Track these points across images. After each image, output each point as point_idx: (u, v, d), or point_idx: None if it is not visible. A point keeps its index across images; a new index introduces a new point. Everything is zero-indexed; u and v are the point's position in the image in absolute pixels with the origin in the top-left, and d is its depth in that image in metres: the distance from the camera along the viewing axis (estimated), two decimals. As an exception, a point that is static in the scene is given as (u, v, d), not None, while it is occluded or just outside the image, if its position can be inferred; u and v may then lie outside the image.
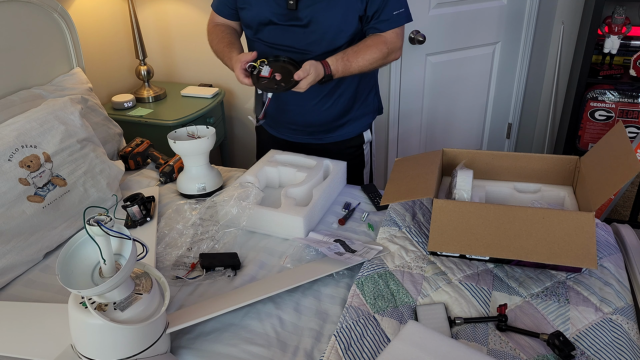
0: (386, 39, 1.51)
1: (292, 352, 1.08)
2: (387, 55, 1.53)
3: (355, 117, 1.70)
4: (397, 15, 1.50)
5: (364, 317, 1.13)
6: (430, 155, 1.50)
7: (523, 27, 2.62)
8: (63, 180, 1.45)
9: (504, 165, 1.49)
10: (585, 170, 1.36)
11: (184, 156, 1.59)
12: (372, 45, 1.50)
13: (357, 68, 1.49)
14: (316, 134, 1.72)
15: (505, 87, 2.77)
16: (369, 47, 1.50)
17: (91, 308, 0.93)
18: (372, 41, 1.51)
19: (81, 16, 2.18)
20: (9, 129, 1.39)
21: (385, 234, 1.40)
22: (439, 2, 2.38)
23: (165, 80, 2.71)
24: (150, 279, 1.04)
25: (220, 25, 1.66)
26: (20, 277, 1.34)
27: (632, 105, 2.43)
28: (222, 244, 1.38)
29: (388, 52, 1.52)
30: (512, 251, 1.19)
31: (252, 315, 1.17)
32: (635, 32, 2.42)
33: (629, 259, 1.34)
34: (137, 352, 0.99)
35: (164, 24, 2.57)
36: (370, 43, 1.50)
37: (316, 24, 1.47)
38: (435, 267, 1.27)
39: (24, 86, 1.68)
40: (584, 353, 1.04)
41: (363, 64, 1.49)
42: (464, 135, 2.83)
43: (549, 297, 1.17)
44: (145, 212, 1.48)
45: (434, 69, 2.52)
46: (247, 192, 1.44)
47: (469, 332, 1.09)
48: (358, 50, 1.49)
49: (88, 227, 0.91)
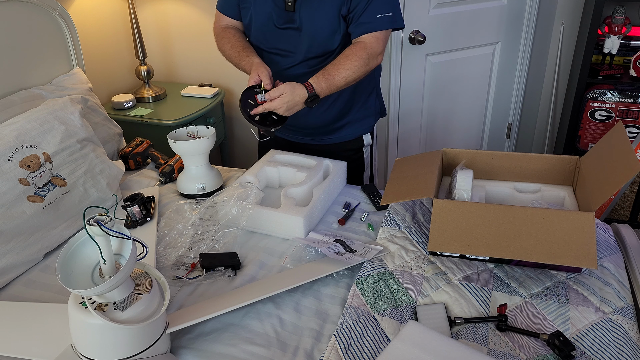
0: (365, 44, 1.46)
1: (292, 352, 1.08)
2: (367, 61, 1.46)
3: (354, 119, 1.70)
4: (380, 18, 1.44)
5: (364, 317, 1.13)
6: (430, 155, 1.50)
7: (523, 27, 2.62)
8: (63, 180, 1.45)
9: (504, 165, 1.49)
10: (585, 170, 1.36)
11: (184, 156, 1.59)
12: (351, 55, 1.45)
13: (341, 81, 1.44)
14: (314, 135, 1.72)
15: (505, 87, 2.77)
16: (347, 57, 1.45)
17: (91, 308, 0.93)
18: (350, 50, 1.46)
19: (81, 16, 2.18)
20: (9, 129, 1.39)
21: (385, 234, 1.40)
22: (439, 2, 2.38)
23: (165, 80, 2.71)
24: (150, 279, 1.04)
25: (230, 29, 1.63)
26: (20, 277, 1.34)
27: (632, 105, 2.43)
28: (222, 244, 1.38)
29: (368, 57, 1.45)
30: (512, 251, 1.19)
31: (252, 315, 1.17)
32: (635, 32, 2.42)
33: (629, 259, 1.34)
34: (137, 352, 0.99)
35: (164, 24, 2.57)
36: (349, 52, 1.46)
37: (308, 27, 1.47)
38: (435, 267, 1.27)
39: (24, 86, 1.68)
40: (584, 353, 1.04)
41: (346, 74, 1.44)
42: (464, 135, 2.83)
43: (549, 297, 1.17)
44: (145, 212, 1.48)
45: (434, 69, 2.53)
46: (247, 192, 1.44)
47: (469, 332, 1.09)
48: (337, 63, 1.45)
49: (88, 227, 0.91)
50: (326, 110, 1.64)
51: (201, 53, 2.58)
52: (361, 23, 1.45)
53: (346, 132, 1.71)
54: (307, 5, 1.45)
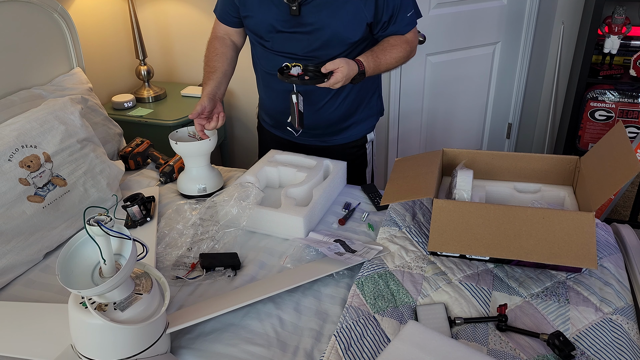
0: (407, 38, 1.55)
1: (292, 352, 1.08)
2: (409, 53, 1.57)
3: (359, 119, 1.70)
4: (410, 17, 1.53)
5: (364, 317, 1.13)
6: (430, 155, 1.50)
7: (523, 27, 2.62)
8: (63, 180, 1.45)
9: (504, 165, 1.49)
10: (585, 170, 1.36)
11: (185, 157, 1.59)
12: (397, 45, 1.53)
13: (385, 66, 1.51)
14: (320, 137, 1.72)
15: (505, 87, 2.77)
16: (393, 46, 1.52)
17: (91, 308, 0.93)
18: (395, 41, 1.53)
19: (81, 16, 2.18)
20: (9, 129, 1.39)
21: (385, 234, 1.40)
22: (439, 2, 2.38)
23: (165, 80, 2.71)
24: (150, 279, 1.04)
25: (217, 41, 1.66)
26: (20, 277, 1.34)
27: (632, 105, 2.43)
28: (222, 244, 1.38)
29: (410, 50, 1.57)
30: (512, 251, 1.19)
31: (252, 315, 1.17)
32: (635, 32, 2.42)
33: (629, 259, 1.34)
34: (137, 352, 0.99)
35: (164, 24, 2.57)
36: (394, 42, 1.53)
37: (321, 31, 1.46)
38: (435, 267, 1.27)
39: (24, 86, 1.68)
40: (584, 353, 1.04)
41: (390, 61, 1.52)
42: (464, 135, 2.83)
43: (549, 297, 1.17)
44: (145, 212, 1.48)
45: (434, 69, 2.52)
46: (247, 192, 1.44)
47: (469, 332, 1.09)
48: (384, 48, 1.51)
49: (88, 227, 0.91)
50: (334, 111, 1.64)
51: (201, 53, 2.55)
52: (400, 24, 1.52)
53: (351, 132, 1.72)
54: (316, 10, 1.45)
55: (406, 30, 1.54)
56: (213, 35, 1.69)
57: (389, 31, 1.52)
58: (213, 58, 1.63)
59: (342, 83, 1.40)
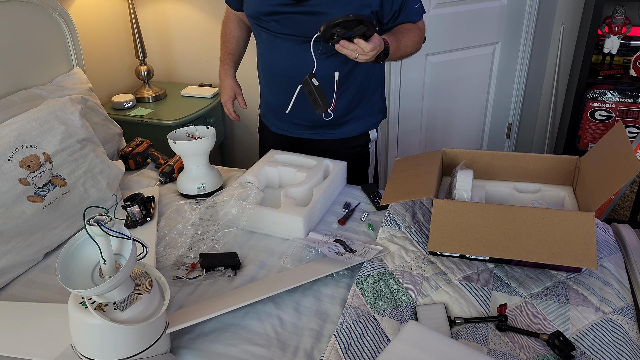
0: (418, 26, 1.58)
1: (292, 352, 1.08)
2: (421, 40, 1.58)
3: (359, 115, 1.70)
4: (418, 7, 1.57)
5: (364, 317, 1.13)
6: (430, 155, 1.50)
7: (523, 27, 2.62)
8: (63, 180, 1.45)
9: (504, 165, 1.49)
10: (585, 170, 1.36)
11: (184, 156, 1.59)
12: (411, 29, 1.54)
13: (403, 49, 1.51)
14: (319, 129, 1.71)
15: (505, 87, 2.77)
16: (409, 30, 1.54)
17: (91, 308, 0.93)
18: (409, 26, 1.55)
19: (81, 16, 2.18)
20: (9, 129, 1.39)
21: (385, 234, 1.40)
22: (439, 2, 2.38)
23: (165, 80, 2.71)
24: (150, 279, 1.04)
25: (230, 23, 1.77)
26: (20, 277, 1.34)
27: (632, 105, 2.43)
28: (222, 244, 1.38)
29: (422, 37, 1.58)
30: (512, 251, 1.19)
31: (252, 315, 1.17)
32: (635, 32, 2.42)
33: (629, 259, 1.34)
34: (137, 352, 0.99)
35: (164, 24, 2.57)
36: (408, 27, 1.55)
37: (324, 15, 1.45)
38: (435, 267, 1.27)
39: (24, 86, 1.68)
40: (584, 353, 1.04)
41: (408, 44, 1.52)
42: (464, 135, 2.83)
43: (549, 297, 1.17)
44: (145, 212, 1.48)
45: (434, 69, 2.53)
46: (247, 192, 1.44)
47: (469, 332, 1.09)
48: (401, 32, 1.52)
49: (88, 227, 0.91)
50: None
51: (201, 53, 2.58)
52: (411, 12, 1.54)
53: (350, 128, 1.71)
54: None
55: (416, 19, 1.56)
56: (227, 16, 1.79)
57: (399, 20, 1.54)
58: (229, 39, 1.78)
59: (373, 54, 1.33)
